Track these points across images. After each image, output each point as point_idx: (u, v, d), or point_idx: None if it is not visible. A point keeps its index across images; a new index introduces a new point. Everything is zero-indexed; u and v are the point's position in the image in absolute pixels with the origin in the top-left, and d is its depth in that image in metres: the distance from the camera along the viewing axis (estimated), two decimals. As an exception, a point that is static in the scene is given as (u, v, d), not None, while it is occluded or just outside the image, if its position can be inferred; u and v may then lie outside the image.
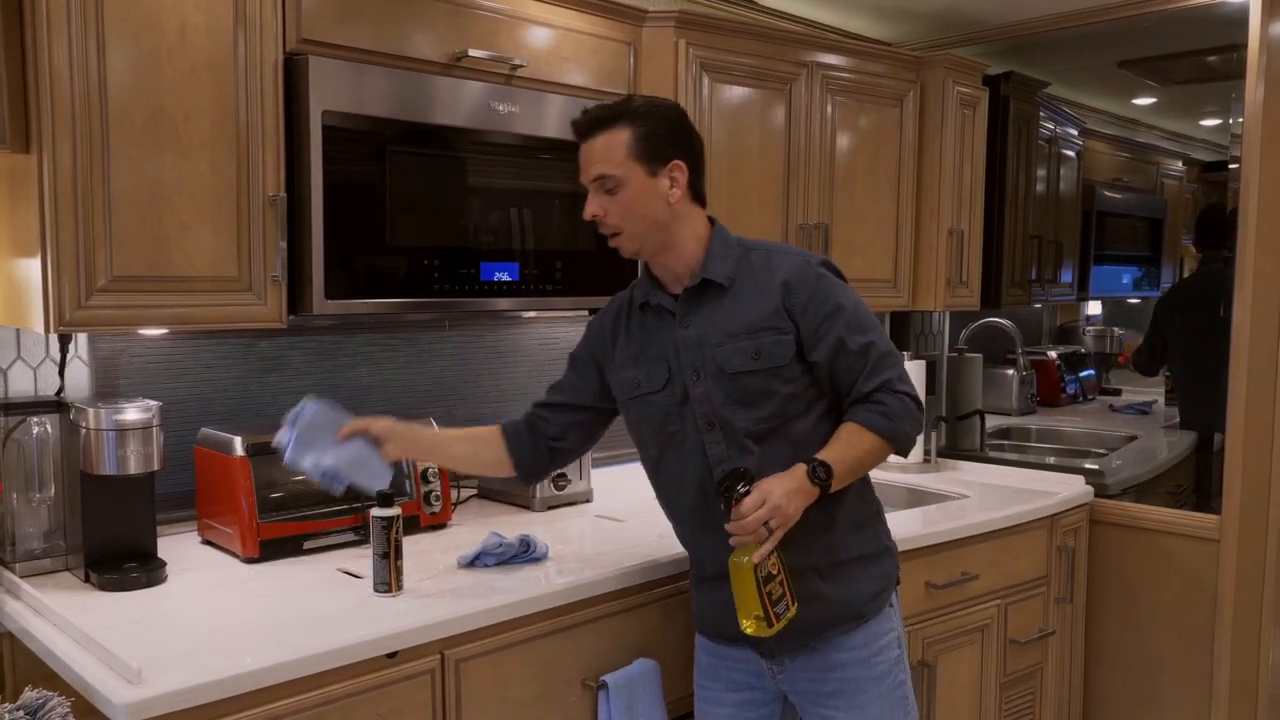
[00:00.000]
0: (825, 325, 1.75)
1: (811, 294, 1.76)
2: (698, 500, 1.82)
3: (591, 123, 1.75)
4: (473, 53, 2.20)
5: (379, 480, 1.82)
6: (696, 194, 1.82)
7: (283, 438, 1.78)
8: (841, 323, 1.76)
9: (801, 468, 1.69)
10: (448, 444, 1.99)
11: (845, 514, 1.81)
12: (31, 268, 1.76)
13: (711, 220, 1.86)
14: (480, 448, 1.97)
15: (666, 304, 1.83)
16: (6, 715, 1.37)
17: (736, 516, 1.63)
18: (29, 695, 1.40)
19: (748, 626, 1.66)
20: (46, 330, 1.74)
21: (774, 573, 1.64)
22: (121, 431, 1.83)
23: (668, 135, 1.77)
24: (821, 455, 1.71)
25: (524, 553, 2.04)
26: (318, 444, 1.78)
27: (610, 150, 1.73)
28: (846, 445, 1.75)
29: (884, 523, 1.93)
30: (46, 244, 1.71)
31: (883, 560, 1.88)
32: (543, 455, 1.96)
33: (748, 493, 1.63)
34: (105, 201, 1.75)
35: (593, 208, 1.76)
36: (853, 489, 1.81)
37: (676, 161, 1.77)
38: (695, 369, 1.79)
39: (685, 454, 1.81)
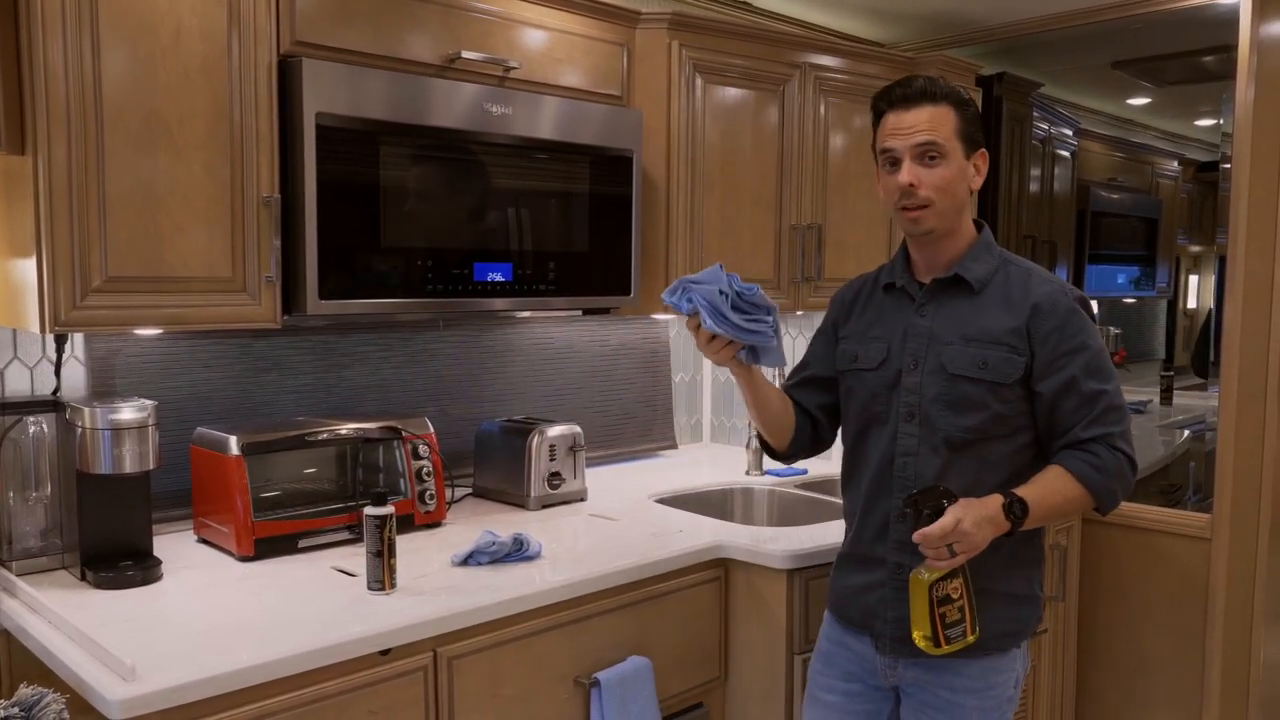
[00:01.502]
0: (1063, 360, 1.72)
1: (1059, 325, 1.73)
2: (869, 483, 1.83)
3: (919, 93, 1.74)
4: (466, 55, 2.21)
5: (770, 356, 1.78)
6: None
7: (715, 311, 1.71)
8: (1081, 363, 1.72)
9: (998, 499, 1.65)
10: (768, 383, 1.93)
11: (1008, 548, 1.73)
12: (27, 268, 1.77)
13: (979, 224, 1.85)
14: (783, 401, 1.95)
15: (911, 289, 1.83)
16: (2, 711, 1.38)
17: (925, 532, 1.61)
18: (24, 691, 1.41)
19: (917, 639, 1.67)
20: (42, 330, 1.75)
21: (953, 596, 1.64)
22: (117, 431, 1.84)
23: (980, 124, 1.79)
24: (1021, 492, 1.67)
25: (517, 551, 2.06)
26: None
27: (940, 122, 1.73)
28: (1048, 489, 1.69)
29: (1041, 572, 1.86)
30: (42, 245, 1.73)
31: (1027, 605, 1.82)
32: (807, 432, 1.96)
33: (940, 511, 1.60)
34: (100, 203, 1.77)
35: (909, 176, 1.73)
36: None
37: (984, 151, 1.79)
38: (915, 358, 1.78)
39: (879, 436, 1.82)
